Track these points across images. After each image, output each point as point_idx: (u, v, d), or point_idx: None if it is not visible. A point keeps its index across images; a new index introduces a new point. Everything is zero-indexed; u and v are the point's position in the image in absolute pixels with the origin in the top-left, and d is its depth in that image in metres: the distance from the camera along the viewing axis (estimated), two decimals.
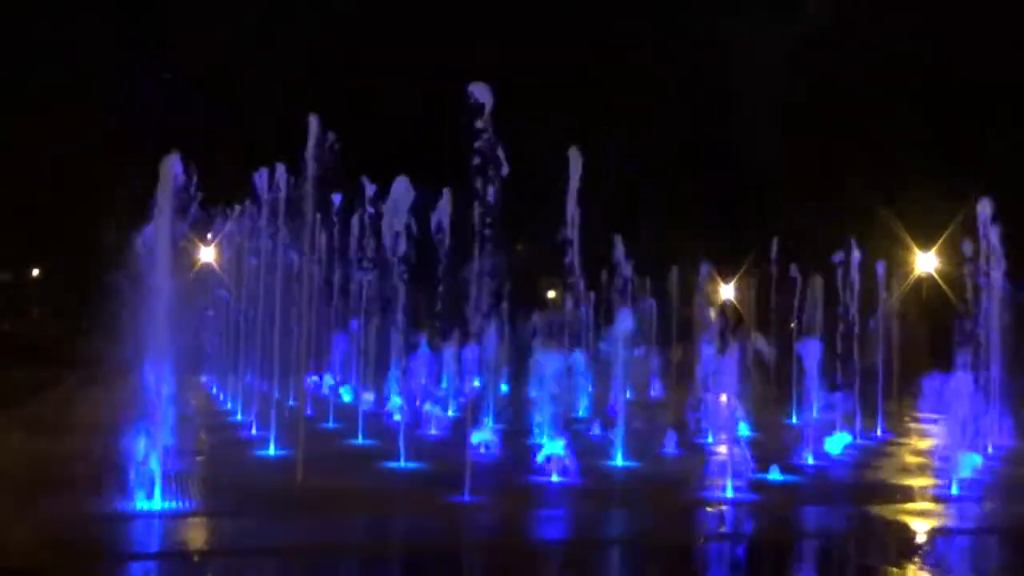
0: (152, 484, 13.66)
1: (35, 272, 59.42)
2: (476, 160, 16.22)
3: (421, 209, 20.04)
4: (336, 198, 28.53)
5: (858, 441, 22.73)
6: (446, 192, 21.18)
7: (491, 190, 17.32)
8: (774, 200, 44.14)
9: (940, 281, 36.91)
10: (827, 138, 44.72)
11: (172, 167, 13.78)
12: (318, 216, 30.27)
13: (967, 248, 23.09)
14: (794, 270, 30.60)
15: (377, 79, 51.94)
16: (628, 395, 26.56)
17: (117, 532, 12.29)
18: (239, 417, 24.84)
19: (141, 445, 15.61)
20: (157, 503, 13.35)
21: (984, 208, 22.60)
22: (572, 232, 17.48)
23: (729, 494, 15.29)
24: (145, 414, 13.76)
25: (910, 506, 15.77)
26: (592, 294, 35.37)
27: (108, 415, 24.07)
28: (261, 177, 23.89)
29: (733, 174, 46.48)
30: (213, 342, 31.88)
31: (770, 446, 21.07)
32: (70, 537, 11.74)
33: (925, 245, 39.45)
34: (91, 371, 37.51)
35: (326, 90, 50.35)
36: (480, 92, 16.15)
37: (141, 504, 13.33)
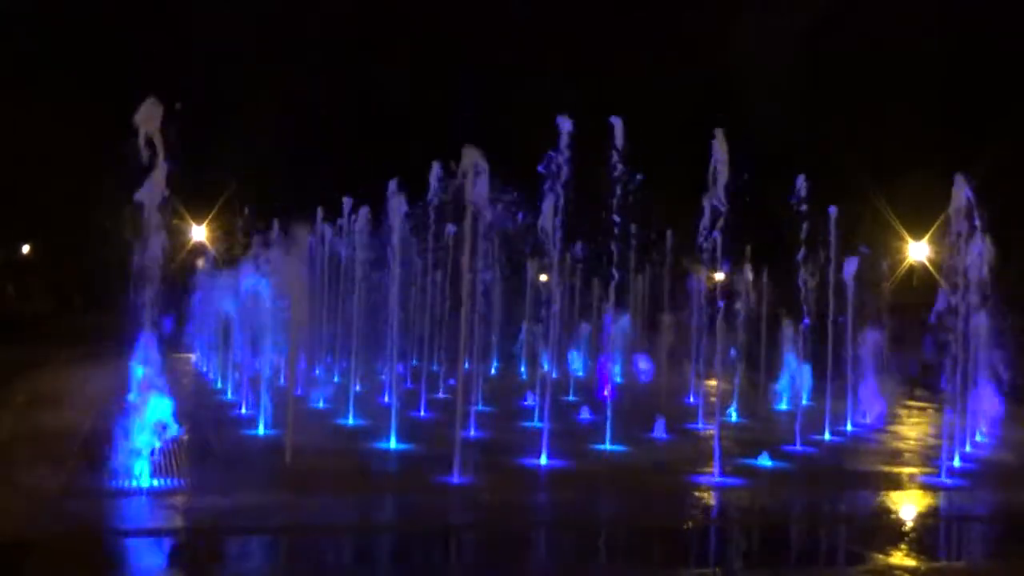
0: (141, 461, 13.67)
1: (26, 249, 59.23)
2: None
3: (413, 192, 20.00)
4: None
5: (849, 428, 22.81)
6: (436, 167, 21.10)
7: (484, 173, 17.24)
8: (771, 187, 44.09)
9: (932, 269, 36.95)
10: (823, 124, 44.71)
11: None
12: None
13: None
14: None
15: (380, 68, 51.92)
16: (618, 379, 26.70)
17: (105, 509, 12.24)
18: (229, 396, 24.78)
19: (130, 422, 15.61)
20: (146, 480, 13.32)
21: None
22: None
23: (717, 479, 15.32)
24: (135, 392, 13.73)
25: (898, 492, 15.81)
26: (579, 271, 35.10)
27: (99, 392, 24.07)
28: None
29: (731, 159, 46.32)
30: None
31: (760, 432, 21.14)
32: (58, 513, 11.69)
33: (918, 233, 39.53)
34: (83, 348, 37.52)
35: (324, 78, 50.45)
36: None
37: (130, 481, 13.31)
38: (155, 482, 13.39)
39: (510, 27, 50.67)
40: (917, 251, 40.18)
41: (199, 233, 53.06)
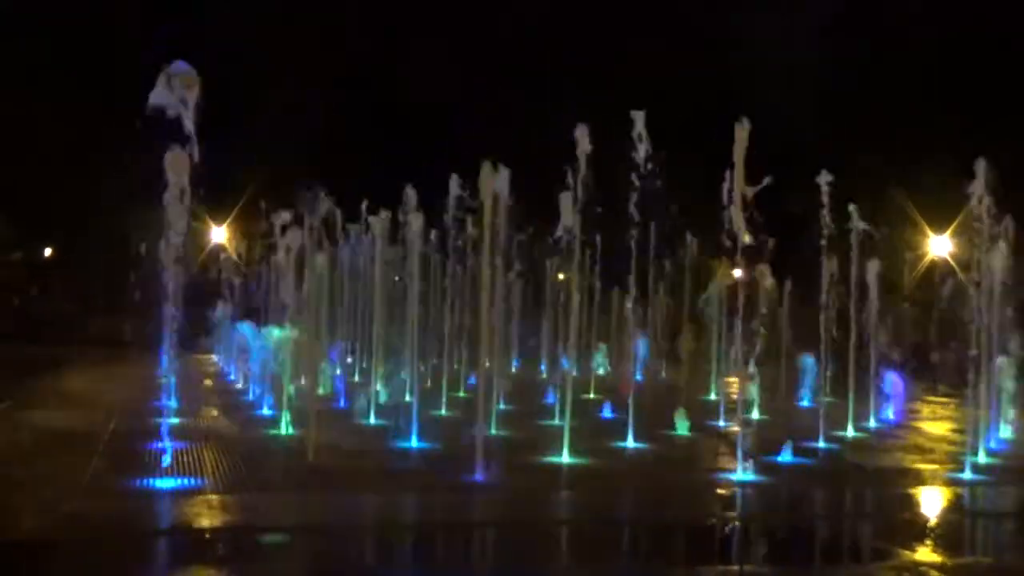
0: (163, 460, 13.78)
1: (48, 251, 59.57)
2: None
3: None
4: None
5: (871, 424, 22.72)
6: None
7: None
8: (789, 184, 43.78)
9: (953, 263, 36.71)
10: (840, 118, 44.42)
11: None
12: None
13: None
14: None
15: (397, 62, 51.94)
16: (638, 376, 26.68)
17: (127, 507, 12.31)
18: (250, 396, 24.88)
19: (152, 422, 15.72)
20: (169, 479, 13.40)
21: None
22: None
23: (740, 475, 15.28)
24: (156, 392, 13.85)
25: (922, 488, 15.74)
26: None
27: (120, 392, 24.25)
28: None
29: (750, 156, 45.97)
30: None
31: (782, 428, 21.05)
32: (80, 512, 11.77)
33: (939, 228, 39.22)
34: (104, 348, 37.79)
35: (335, 74, 50.54)
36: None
37: (152, 480, 13.39)
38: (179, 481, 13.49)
39: (521, 23, 50.60)
40: (938, 246, 39.90)
41: (219, 234, 53.32)
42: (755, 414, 23.33)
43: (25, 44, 48.67)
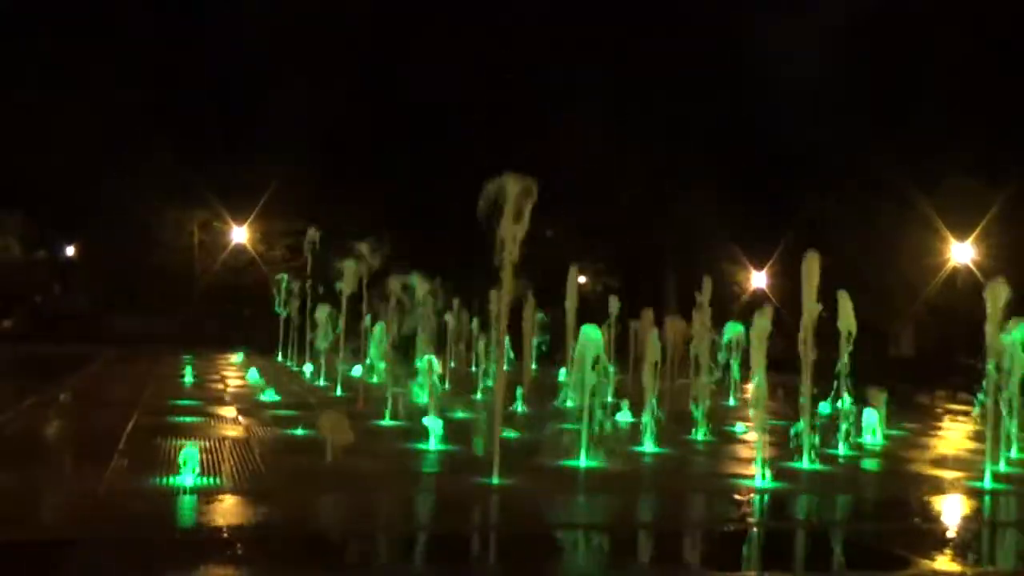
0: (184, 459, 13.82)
1: (70, 250, 59.95)
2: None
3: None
4: None
5: (891, 432, 22.57)
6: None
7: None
8: (805, 186, 43.63)
9: (976, 271, 36.51)
10: (861, 123, 44.20)
11: None
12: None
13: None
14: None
15: (406, 63, 52.04)
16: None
17: (145, 508, 12.36)
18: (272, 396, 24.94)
19: (174, 421, 15.80)
20: (187, 479, 13.43)
21: None
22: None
23: (759, 482, 15.23)
24: (177, 391, 13.89)
25: (941, 496, 15.65)
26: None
27: (140, 392, 24.38)
28: None
29: (764, 160, 45.96)
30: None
31: (800, 435, 20.98)
32: (97, 511, 11.83)
33: (962, 235, 38.96)
34: (125, 347, 37.98)
35: (351, 68, 50.69)
36: None
37: (170, 480, 13.43)
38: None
39: (525, 22, 50.59)
40: (961, 253, 39.63)
41: (240, 235, 53.59)
42: (772, 421, 23.30)
43: (36, 43, 49.13)
